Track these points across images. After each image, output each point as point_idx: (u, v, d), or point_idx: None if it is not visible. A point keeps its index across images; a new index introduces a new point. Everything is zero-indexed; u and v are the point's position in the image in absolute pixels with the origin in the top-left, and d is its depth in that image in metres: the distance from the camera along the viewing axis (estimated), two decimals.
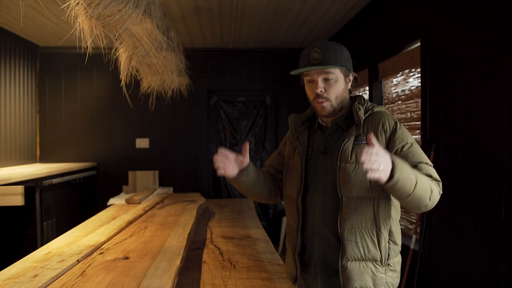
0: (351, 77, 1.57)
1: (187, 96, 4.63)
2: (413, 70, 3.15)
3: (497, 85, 2.11)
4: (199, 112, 5.12)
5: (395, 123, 1.47)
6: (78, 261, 1.80)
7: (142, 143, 5.03)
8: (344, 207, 1.44)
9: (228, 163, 1.51)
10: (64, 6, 1.99)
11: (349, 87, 1.57)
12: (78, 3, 1.99)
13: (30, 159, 4.67)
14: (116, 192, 4.73)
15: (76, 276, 1.62)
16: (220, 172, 1.51)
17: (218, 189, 5.30)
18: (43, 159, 4.87)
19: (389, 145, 1.44)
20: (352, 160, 1.44)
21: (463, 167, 2.40)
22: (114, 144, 4.99)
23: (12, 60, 4.30)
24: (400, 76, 3.39)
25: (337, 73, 1.51)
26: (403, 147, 1.44)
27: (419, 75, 2.96)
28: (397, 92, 3.46)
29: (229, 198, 4.99)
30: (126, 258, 1.86)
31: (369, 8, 3.70)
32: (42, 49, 4.80)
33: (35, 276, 1.58)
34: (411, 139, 1.46)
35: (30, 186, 3.53)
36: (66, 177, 4.08)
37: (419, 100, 3.01)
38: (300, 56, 1.56)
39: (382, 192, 1.44)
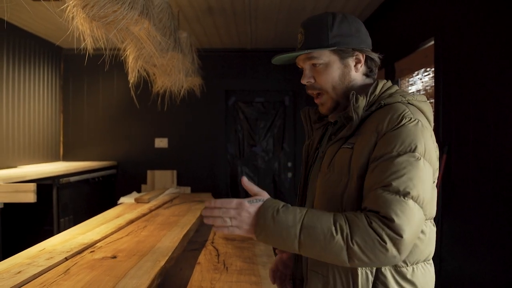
0: (361, 57, 1.16)
1: (206, 96, 4.65)
2: (427, 69, 3.03)
3: None
4: (217, 112, 5.13)
5: (400, 121, 1.01)
6: (66, 259, 1.82)
7: (161, 143, 5.10)
8: None
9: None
10: (63, 7, 2.04)
11: (359, 71, 1.17)
12: (74, 5, 2.03)
13: (54, 157, 4.83)
14: (136, 191, 4.80)
15: (59, 274, 1.64)
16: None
17: (235, 189, 5.29)
18: (66, 157, 5.02)
19: (373, 151, 1.03)
20: (329, 169, 1.09)
21: (475, 171, 2.28)
22: (134, 144, 5.08)
23: (37, 62, 4.46)
24: (416, 76, 3.27)
25: (325, 56, 1.15)
26: (381, 156, 1.00)
27: (433, 74, 2.84)
28: (413, 92, 3.33)
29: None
30: (114, 257, 1.87)
31: (384, 7, 3.59)
32: (66, 51, 4.96)
33: (19, 272, 1.61)
34: (404, 147, 0.99)
35: (47, 184, 3.64)
36: (84, 176, 4.19)
37: (433, 100, 2.88)
38: None
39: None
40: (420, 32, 2.98)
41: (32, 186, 2.99)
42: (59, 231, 3.78)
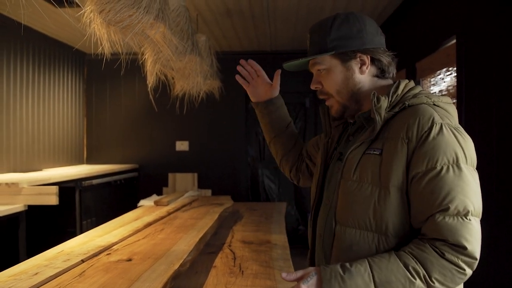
0: (365, 59, 1.11)
1: (226, 99, 4.66)
2: (450, 68, 2.95)
3: None
4: (238, 115, 5.14)
5: (431, 126, 0.97)
6: (83, 261, 1.84)
7: (182, 146, 5.14)
8: (336, 240, 1.06)
9: (257, 80, 1.44)
10: (81, 13, 2.08)
11: (366, 73, 1.13)
12: (91, 10, 2.06)
13: (77, 160, 4.93)
14: (157, 194, 4.85)
15: (74, 276, 1.66)
16: (241, 81, 1.45)
17: (256, 192, 5.27)
18: (90, 160, 5.12)
19: (411, 165, 0.98)
20: (355, 177, 1.04)
21: (499, 172, 2.19)
22: (155, 147, 5.14)
23: (61, 67, 4.58)
24: (438, 76, 3.18)
25: (326, 62, 1.13)
26: (425, 173, 0.96)
27: (455, 74, 2.76)
28: (435, 92, 3.25)
29: (262, 202, 4.95)
30: (129, 260, 1.88)
31: (404, 5, 3.52)
32: (89, 56, 5.06)
33: (36, 274, 1.64)
34: (446, 158, 0.95)
35: (70, 187, 3.72)
36: (106, 178, 4.26)
37: (455, 100, 2.79)
38: None
39: (398, 229, 1.00)
40: (442, 30, 2.91)
41: (54, 188, 3.06)
42: (81, 233, 3.85)
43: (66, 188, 3.62)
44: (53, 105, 4.40)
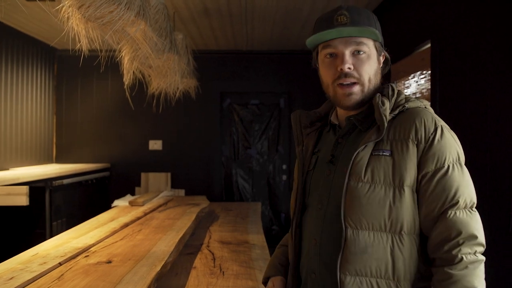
0: (381, 59, 1.16)
1: (201, 98, 4.62)
2: (424, 72, 3.03)
3: (510, 89, 1.97)
4: (212, 114, 5.10)
5: (436, 129, 1.04)
6: (60, 264, 1.78)
7: (155, 145, 5.06)
8: (348, 244, 1.03)
9: None
10: (58, 8, 2.01)
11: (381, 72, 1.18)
12: (70, 5, 2.00)
13: (47, 159, 4.77)
14: (130, 194, 4.75)
15: (53, 280, 1.61)
16: None
17: (230, 192, 5.26)
18: (59, 159, 4.97)
19: (420, 165, 1.04)
20: (366, 178, 1.04)
21: (471, 174, 2.27)
22: (128, 146, 5.03)
23: (31, 62, 4.41)
24: (412, 79, 3.27)
25: (370, 46, 1.11)
26: (434, 173, 1.03)
27: (430, 77, 2.84)
28: (410, 95, 3.34)
29: (237, 202, 4.94)
30: (109, 262, 1.84)
31: (380, 9, 3.60)
32: (60, 52, 4.91)
33: (11, 278, 1.58)
34: (451, 157, 1.04)
35: (40, 186, 3.59)
36: (77, 178, 4.14)
37: (429, 103, 2.88)
38: (316, 24, 1.16)
39: (411, 227, 1.03)
40: (417, 34, 2.98)
41: (25, 188, 2.94)
42: (51, 235, 3.73)
43: (35, 188, 3.50)
44: (21, 102, 4.23)
